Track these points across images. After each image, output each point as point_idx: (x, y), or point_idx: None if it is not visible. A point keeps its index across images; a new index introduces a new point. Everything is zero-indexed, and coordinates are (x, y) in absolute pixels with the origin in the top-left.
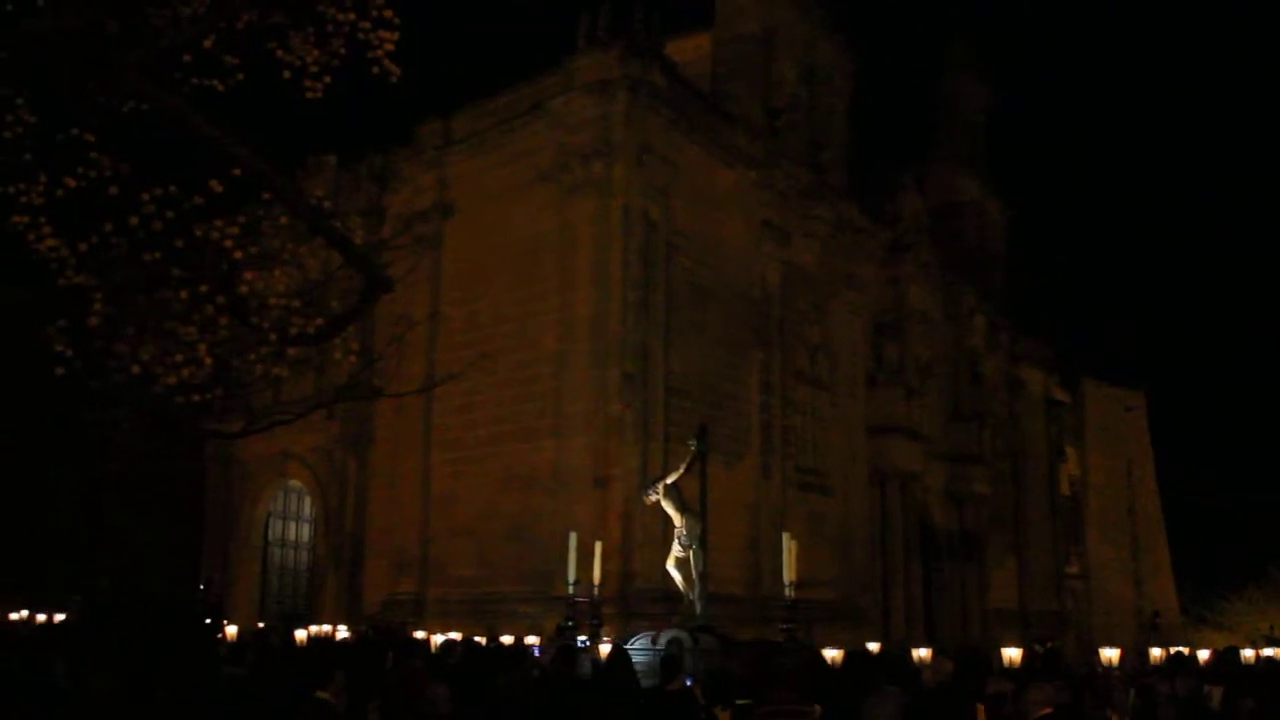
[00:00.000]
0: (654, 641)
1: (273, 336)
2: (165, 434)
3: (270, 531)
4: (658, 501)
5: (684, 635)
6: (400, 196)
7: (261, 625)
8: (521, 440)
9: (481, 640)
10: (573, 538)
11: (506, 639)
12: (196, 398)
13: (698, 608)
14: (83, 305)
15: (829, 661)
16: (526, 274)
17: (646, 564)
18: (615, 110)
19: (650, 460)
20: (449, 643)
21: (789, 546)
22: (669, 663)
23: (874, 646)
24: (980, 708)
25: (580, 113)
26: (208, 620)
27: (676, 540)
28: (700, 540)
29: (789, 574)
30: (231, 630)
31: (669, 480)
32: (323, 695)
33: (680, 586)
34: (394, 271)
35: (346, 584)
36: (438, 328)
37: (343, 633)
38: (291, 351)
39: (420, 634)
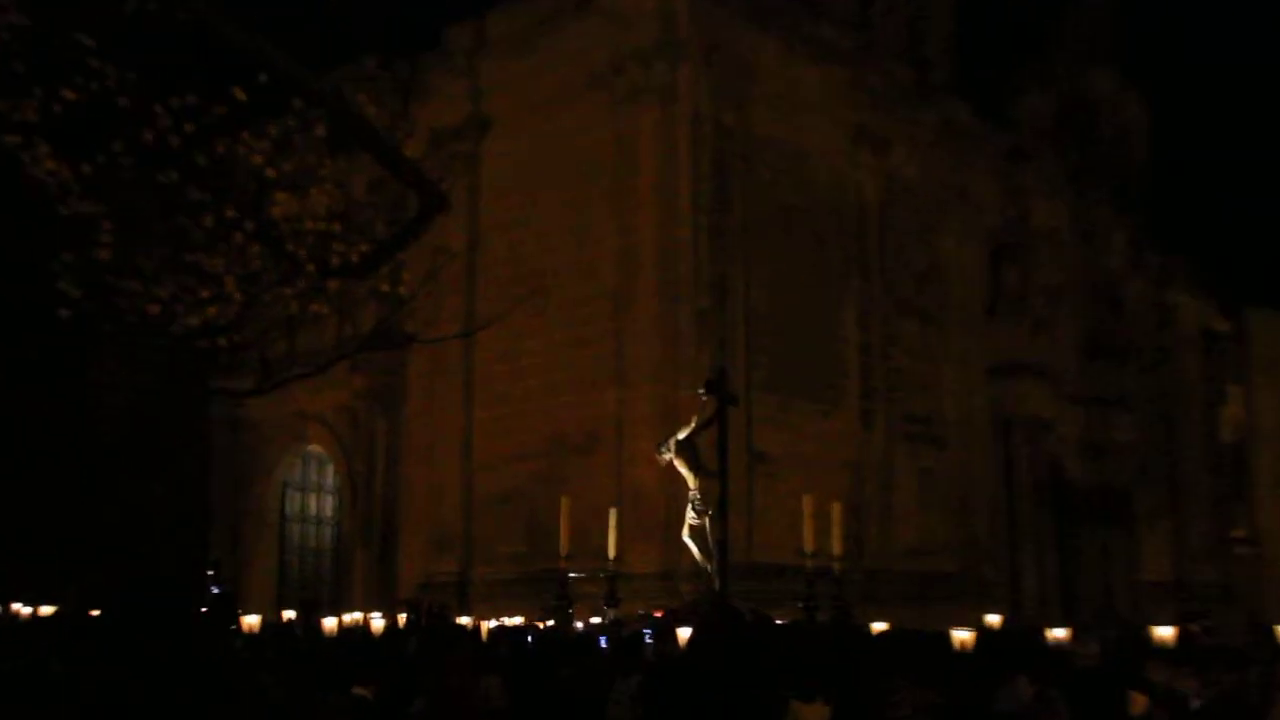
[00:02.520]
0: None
1: (310, 267)
2: (166, 394)
3: (287, 505)
4: (670, 461)
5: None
6: (429, 109)
7: (285, 615)
8: (579, 391)
9: (541, 625)
10: (564, 503)
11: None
12: (224, 341)
13: (717, 583)
14: (89, 236)
15: (957, 644)
16: (579, 196)
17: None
18: (679, 2)
19: (730, 410)
20: (500, 629)
21: (809, 510)
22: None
23: (994, 620)
24: (1136, 696)
25: (638, 6)
26: (218, 609)
27: (690, 505)
28: (719, 505)
29: (810, 542)
30: (250, 620)
31: (681, 436)
32: (360, 692)
33: (697, 558)
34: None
35: (378, 564)
36: (478, 261)
37: (377, 621)
38: (333, 285)
39: (465, 620)
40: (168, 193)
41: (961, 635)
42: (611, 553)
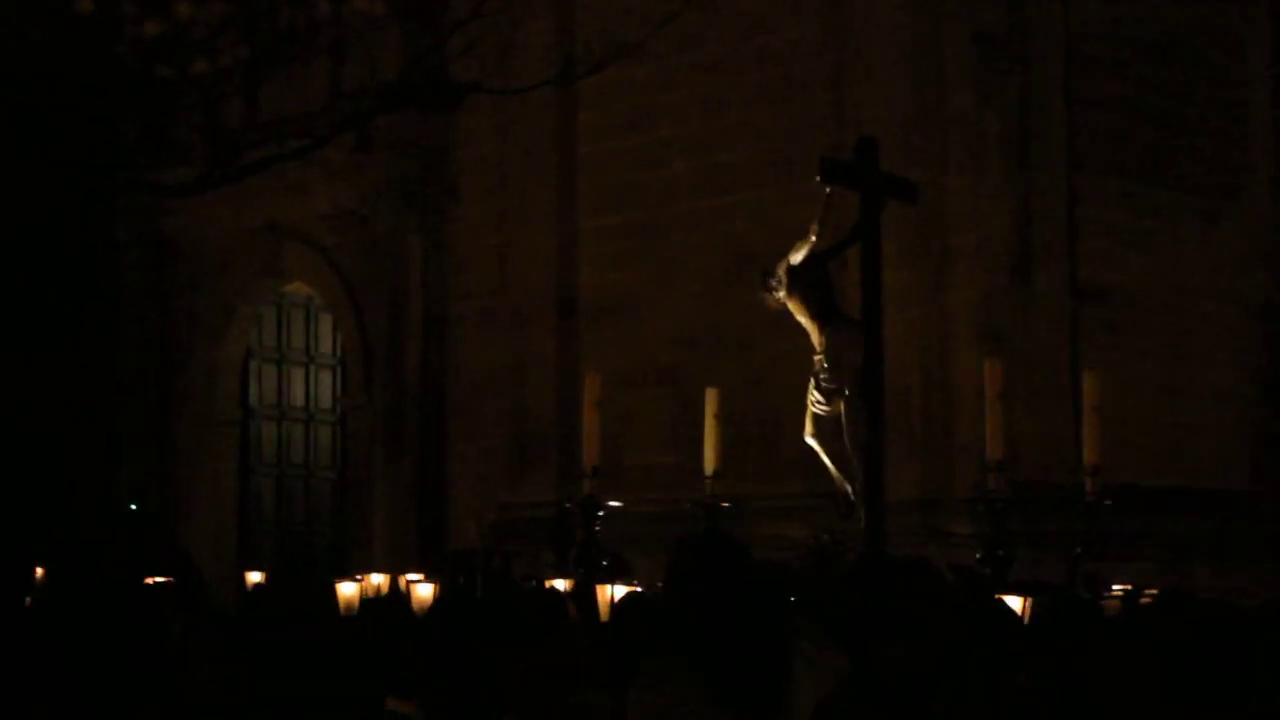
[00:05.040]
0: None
1: None
2: (37, 199)
3: (253, 390)
4: (783, 301)
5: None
6: None
7: (251, 578)
8: (766, 182)
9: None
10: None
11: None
12: (202, 65)
13: (860, 512)
14: None
15: None
16: None
17: (1046, 429)
18: None
19: (1035, 214)
20: (635, 600)
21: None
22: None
23: None
24: None
25: None
26: (180, 584)
27: (813, 381)
28: (869, 375)
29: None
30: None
31: (795, 258)
32: (398, 706)
33: (832, 471)
34: None
35: (413, 490)
36: None
37: (423, 589)
38: None
39: (560, 584)
40: None
41: None
42: (709, 463)
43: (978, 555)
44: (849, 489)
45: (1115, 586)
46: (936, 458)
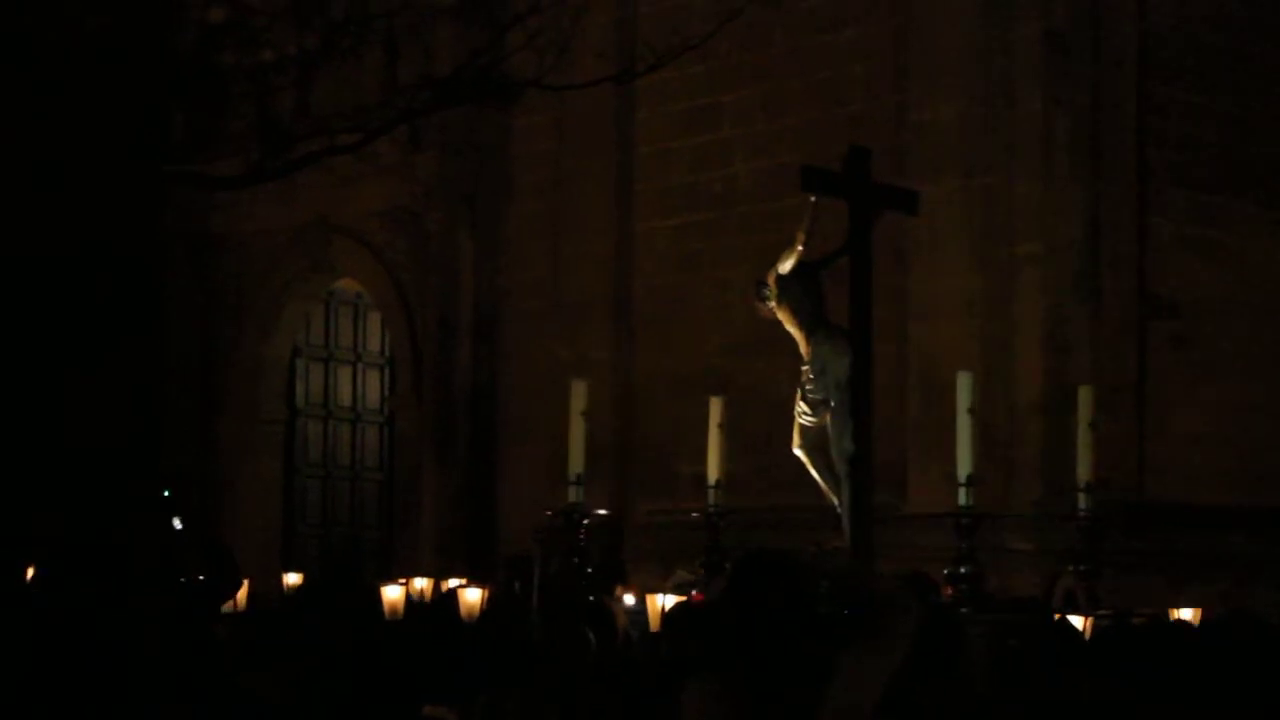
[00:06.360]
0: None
1: None
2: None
3: (300, 389)
4: (773, 310)
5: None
6: None
7: (288, 580)
8: None
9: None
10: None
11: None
12: (268, 55)
13: (845, 525)
14: None
15: None
16: None
17: (1109, 444)
18: None
19: (1105, 223)
20: (687, 611)
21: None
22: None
23: None
24: None
25: None
26: (213, 580)
27: (800, 391)
28: (856, 386)
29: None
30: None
31: (784, 266)
32: (435, 714)
33: (821, 485)
34: None
35: (462, 494)
36: None
37: (471, 594)
38: None
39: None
40: None
41: None
42: (712, 472)
43: (945, 570)
44: (835, 502)
45: (1183, 610)
46: (996, 471)
